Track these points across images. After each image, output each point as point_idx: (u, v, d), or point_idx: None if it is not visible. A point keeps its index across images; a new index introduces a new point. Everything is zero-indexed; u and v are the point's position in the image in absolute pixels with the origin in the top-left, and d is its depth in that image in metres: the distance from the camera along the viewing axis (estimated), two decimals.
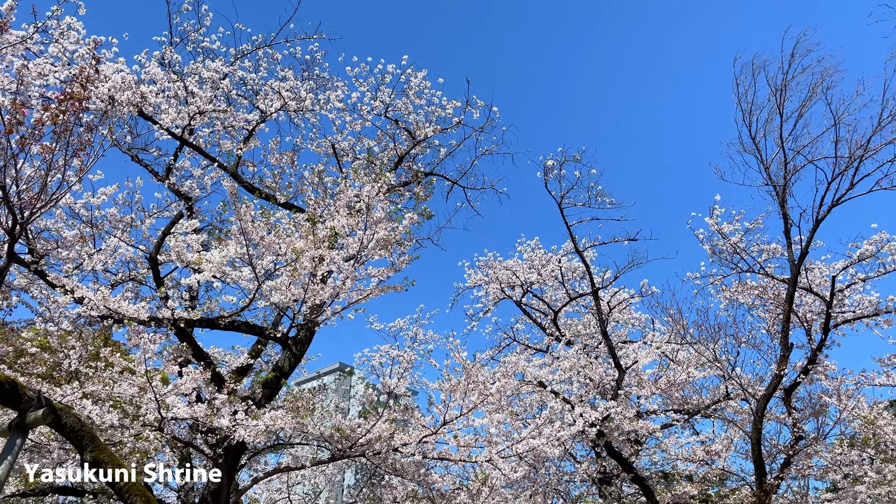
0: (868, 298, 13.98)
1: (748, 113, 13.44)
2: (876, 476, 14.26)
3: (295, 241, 9.30)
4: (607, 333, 14.58)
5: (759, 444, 12.89)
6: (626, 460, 14.14)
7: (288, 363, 10.44)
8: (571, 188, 13.48)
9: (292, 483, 17.03)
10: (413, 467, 10.90)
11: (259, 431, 7.98)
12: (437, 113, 13.30)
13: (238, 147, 12.42)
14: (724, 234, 14.52)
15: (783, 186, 12.82)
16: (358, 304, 10.92)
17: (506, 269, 17.44)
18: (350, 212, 10.17)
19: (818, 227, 12.72)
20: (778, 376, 12.80)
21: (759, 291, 15.15)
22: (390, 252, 11.15)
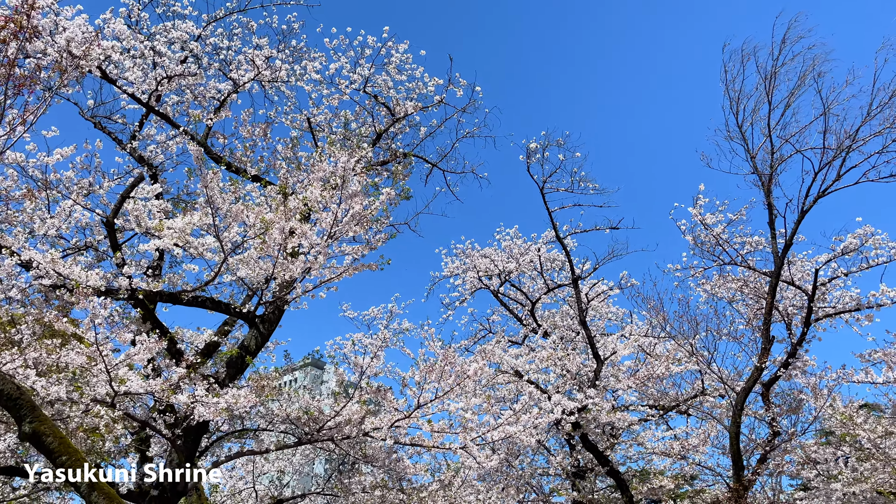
0: (849, 294, 13.83)
1: (735, 101, 13.18)
2: (851, 474, 14.13)
3: (264, 211, 8.77)
4: (586, 323, 14.25)
5: (738, 437, 12.65)
6: (601, 453, 13.83)
7: (254, 342, 9.91)
8: (554, 172, 13.13)
9: (258, 472, 16.46)
10: (384, 454, 10.44)
11: (220, 410, 7.45)
12: (418, 90, 12.83)
13: (208, 117, 11.82)
14: (707, 225, 14.26)
15: (769, 176, 12.58)
16: (330, 282, 10.42)
17: (484, 256, 17.03)
18: (324, 186, 9.67)
19: (803, 218, 12.50)
20: (759, 368, 12.57)
21: (740, 285, 14.94)
22: (366, 230, 10.66)
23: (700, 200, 14.10)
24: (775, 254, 12.93)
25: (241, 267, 9.23)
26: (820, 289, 13.32)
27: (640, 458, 16.06)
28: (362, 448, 10.00)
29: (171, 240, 7.71)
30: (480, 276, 18.25)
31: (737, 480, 11.97)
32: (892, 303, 13.19)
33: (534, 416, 9.52)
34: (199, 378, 8.17)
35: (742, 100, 13.10)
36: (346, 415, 8.55)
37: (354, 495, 11.77)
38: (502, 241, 17.59)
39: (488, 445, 10.94)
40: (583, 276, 17.05)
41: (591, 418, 13.45)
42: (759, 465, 13.49)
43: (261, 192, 10.13)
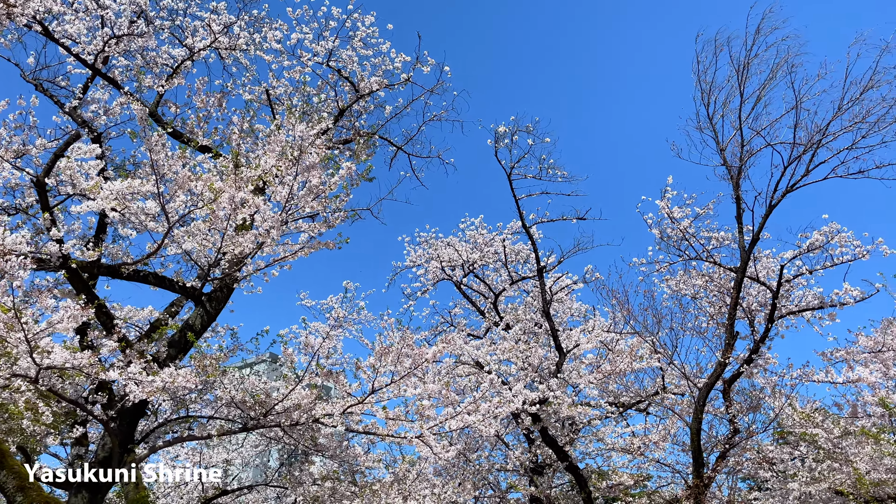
0: (812, 293, 13.77)
1: (707, 93, 12.99)
2: (808, 474, 14.08)
3: (214, 180, 8.19)
4: (550, 314, 13.92)
5: (699, 434, 12.46)
6: (560, 448, 13.52)
7: (200, 321, 9.29)
8: (523, 157, 12.75)
9: (206, 463, 15.75)
10: (335, 443, 9.93)
11: (156, 389, 6.86)
12: (384, 66, 12.31)
13: (159, 84, 11.14)
14: (674, 219, 14.06)
15: (738, 169, 12.40)
16: (284, 260, 9.87)
17: (448, 245, 16.59)
18: (280, 157, 9.11)
19: (771, 212, 12.35)
20: (722, 364, 12.39)
21: (705, 280, 14.78)
22: (324, 206, 10.15)
23: (668, 193, 13.89)
24: (742, 248, 12.77)
25: (188, 239, 8.62)
26: (784, 286, 13.22)
27: (600, 454, 15.83)
28: (312, 436, 9.46)
29: (108, 203, 7.09)
30: (443, 266, 17.82)
31: (697, 477, 11.76)
32: (854, 301, 13.14)
33: (493, 405, 9.11)
34: (135, 354, 7.55)
35: (714, 91, 12.92)
36: (295, 399, 8.02)
37: (304, 487, 11.22)
38: (467, 231, 17.17)
39: (446, 436, 10.50)
40: (547, 269, 16.74)
41: (552, 412, 13.12)
42: (719, 462, 13.33)
43: (212, 163, 9.51)
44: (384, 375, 8.03)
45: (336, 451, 9.89)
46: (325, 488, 10.95)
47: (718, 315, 14.59)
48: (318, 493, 10.87)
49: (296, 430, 9.25)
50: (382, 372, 7.91)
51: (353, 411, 8.48)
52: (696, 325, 14.35)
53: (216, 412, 8.94)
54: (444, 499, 12.18)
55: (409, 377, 8.01)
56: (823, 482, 13.38)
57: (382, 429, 8.94)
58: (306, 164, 8.88)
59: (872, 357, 12.35)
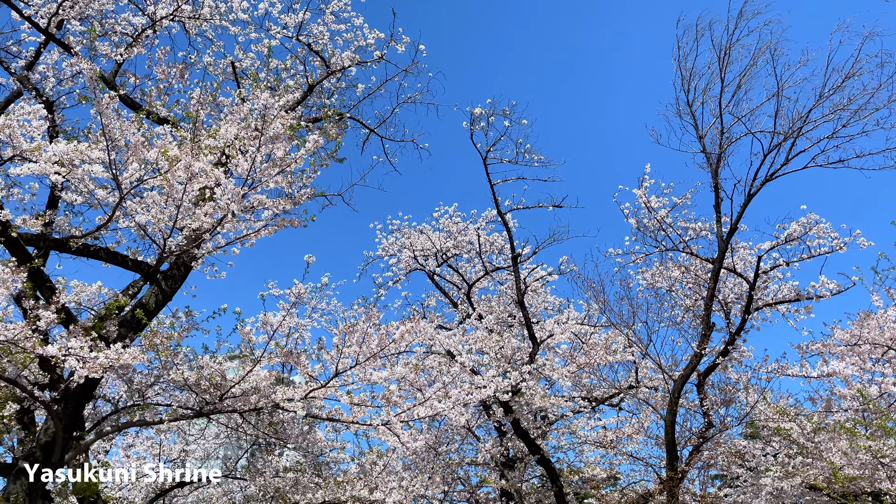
0: (788, 286, 13.61)
1: (687, 79, 12.73)
2: (781, 470, 13.91)
3: (169, 146, 7.67)
4: (524, 304, 13.57)
5: (674, 426, 12.21)
6: (532, 440, 13.17)
7: (154, 300, 8.74)
8: (499, 140, 12.37)
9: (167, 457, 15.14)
10: (298, 430, 9.45)
11: (98, 366, 6.33)
12: (357, 42, 11.85)
13: (118, 53, 10.55)
14: (651, 208, 13.80)
15: (718, 157, 12.17)
16: (247, 238, 9.36)
17: (421, 232, 16.16)
18: (243, 126, 8.61)
19: (750, 201, 12.14)
20: (698, 354, 12.15)
21: (682, 272, 14.55)
22: (290, 183, 9.66)
23: (646, 181, 13.63)
24: (720, 238, 12.55)
25: (141, 211, 8.09)
26: (761, 277, 13.02)
27: (572, 448, 15.52)
28: (273, 423, 8.98)
29: (50, 166, 6.54)
30: (416, 255, 17.39)
31: (671, 469, 11.50)
32: (830, 294, 13.00)
33: (464, 392, 8.71)
34: (79, 331, 7.02)
35: (694, 78, 12.67)
36: (253, 381, 7.54)
37: (264, 478, 10.73)
38: (440, 220, 16.75)
39: (414, 427, 10.09)
40: (522, 259, 16.40)
41: (524, 403, 12.78)
42: (693, 456, 13.10)
43: (170, 133, 8.97)
44: (348, 358, 7.59)
45: (299, 440, 9.41)
46: (286, 479, 10.47)
47: (694, 307, 14.38)
48: (280, 485, 10.39)
49: (254, 417, 8.76)
50: (346, 354, 7.46)
51: (315, 396, 8.02)
52: (671, 316, 14.10)
53: (171, 397, 8.41)
54: (411, 492, 11.77)
55: (375, 359, 7.57)
56: (797, 477, 13.21)
57: (347, 415, 8.49)
58: (270, 134, 8.39)
59: (849, 350, 12.20)
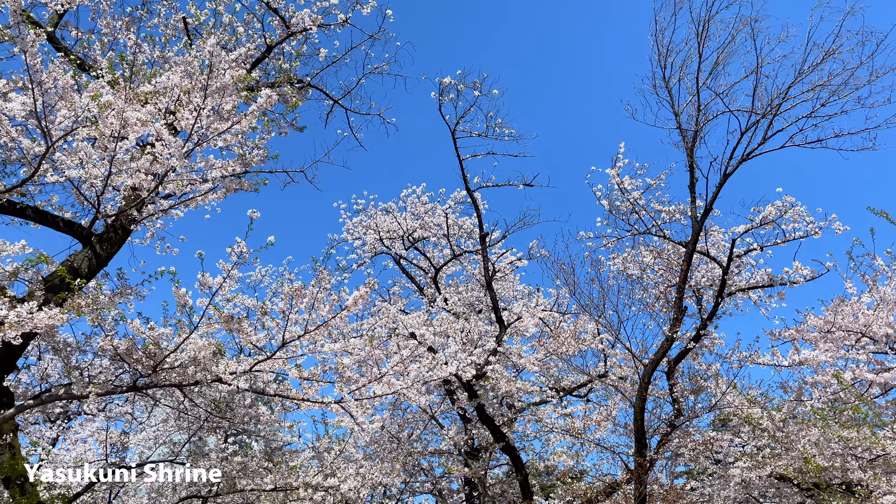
0: (761, 272, 13.30)
1: (664, 55, 12.29)
2: (750, 460, 13.60)
3: (101, 91, 6.94)
4: (492, 284, 13.03)
5: (643, 412, 11.77)
6: (497, 427, 12.64)
7: (87, 264, 7.99)
8: (468, 110, 11.79)
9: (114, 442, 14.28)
10: (242, 409, 8.77)
11: (10, 325, 5.61)
12: (319, 2, 11.17)
13: (58, 2, 9.73)
14: (624, 189, 13.36)
15: (694, 135, 11.75)
16: (193, 202, 8.66)
17: (386, 211, 15.53)
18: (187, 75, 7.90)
19: (725, 181, 11.76)
20: (670, 339, 11.73)
21: (654, 256, 14.14)
22: (241, 144, 8.98)
23: (620, 161, 13.18)
24: (694, 219, 12.15)
25: (71, 164, 7.35)
26: (735, 261, 12.65)
27: (538, 436, 15.03)
28: (217, 401, 8.30)
29: None
30: (382, 237, 16.76)
31: (639, 455, 11.06)
32: (804, 280, 12.70)
33: (425, 368, 8.12)
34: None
35: (671, 54, 12.23)
36: (191, 351, 6.85)
37: (210, 461, 10.01)
38: (408, 199, 16.13)
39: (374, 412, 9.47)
40: (491, 244, 15.89)
41: (489, 387, 12.25)
42: (661, 445, 12.71)
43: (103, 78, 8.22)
44: (296, 326, 6.95)
45: (244, 419, 8.74)
46: (233, 464, 9.78)
47: (666, 293, 13.99)
48: (226, 470, 9.69)
49: (197, 395, 8.06)
50: (294, 321, 6.81)
51: (261, 369, 7.36)
52: (643, 299, 13.68)
53: (102, 369, 7.68)
54: (369, 479, 11.16)
55: (327, 328, 6.95)
56: (766, 468, 12.90)
57: (296, 392, 7.84)
58: (217, 85, 7.70)
59: (822, 337, 11.88)
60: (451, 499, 16.59)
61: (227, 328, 6.64)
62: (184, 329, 6.63)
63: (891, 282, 11.77)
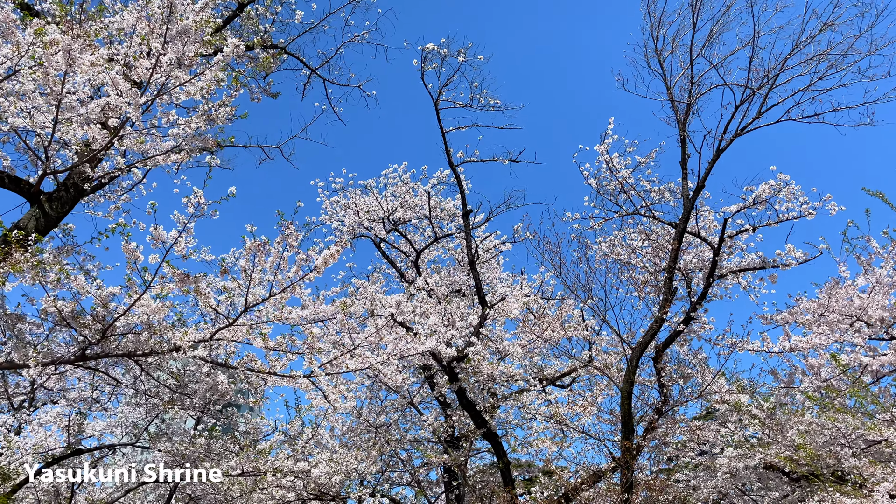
0: (751, 256, 12.89)
1: (656, 26, 11.83)
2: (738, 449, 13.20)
3: (45, 27, 6.30)
4: (474, 264, 12.48)
5: (630, 397, 11.29)
6: (478, 413, 12.11)
7: (34, 223, 7.33)
8: (452, 77, 11.21)
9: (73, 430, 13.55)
10: (205, 385, 8.15)
11: None
12: None
13: None
14: (613, 167, 12.87)
15: (687, 108, 11.29)
16: (153, 161, 8.02)
17: (366, 189, 14.92)
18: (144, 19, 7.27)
19: (718, 157, 11.32)
20: (659, 319, 11.26)
21: (643, 238, 13.69)
22: (206, 99, 8.34)
23: (609, 137, 12.68)
24: (685, 196, 11.69)
25: (12, 108, 6.69)
26: (726, 242, 12.21)
27: (521, 425, 14.48)
28: (175, 375, 7.67)
29: None
30: (362, 219, 16.14)
31: (626, 440, 10.58)
32: (797, 263, 12.29)
33: (402, 341, 7.56)
34: None
35: (663, 25, 11.77)
36: (143, 312, 6.23)
37: (172, 443, 9.37)
38: (389, 176, 15.51)
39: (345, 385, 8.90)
40: (475, 226, 15.33)
41: (471, 370, 11.71)
42: (648, 432, 12.24)
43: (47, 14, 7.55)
44: (260, 287, 6.34)
45: (206, 394, 8.10)
46: (196, 446, 9.14)
47: (654, 278, 13.53)
48: (188, 452, 9.05)
49: (151, 365, 7.43)
50: (257, 282, 6.21)
51: (222, 338, 6.76)
52: (631, 279, 13.21)
53: (49, 335, 7.03)
54: (343, 465, 10.57)
55: (294, 291, 6.35)
56: (755, 457, 12.48)
57: (262, 364, 7.25)
58: (179, 27, 7.08)
59: (817, 320, 11.48)
60: (430, 491, 16.02)
61: (182, 288, 6.03)
62: (135, 289, 6.00)
63: (886, 264, 11.39)
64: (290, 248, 6.03)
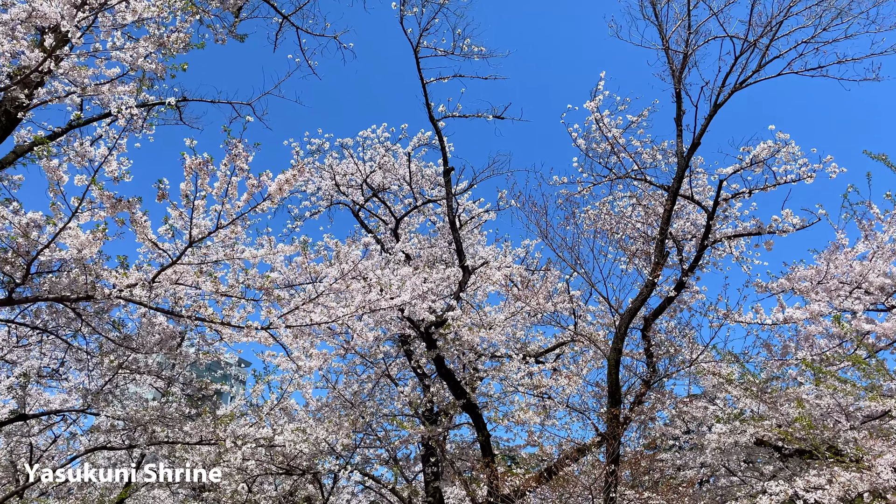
0: (745, 225, 12.28)
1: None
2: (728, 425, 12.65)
3: None
4: (455, 224, 11.76)
5: (618, 366, 10.66)
6: (457, 382, 11.44)
7: None
8: (433, 18, 10.41)
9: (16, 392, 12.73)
10: (154, 339, 7.38)
11: None
12: None
13: None
14: (603, 126, 12.16)
15: (683, 58, 10.60)
16: (97, 89, 7.20)
17: (342, 147, 14.10)
18: None
19: (716, 112, 10.66)
20: (651, 283, 10.62)
21: (633, 203, 13.03)
22: (157, 24, 7.56)
23: (600, 94, 11.96)
24: (680, 154, 11.03)
25: None
26: (721, 205, 11.57)
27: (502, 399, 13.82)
28: (118, 325, 6.89)
29: None
30: (339, 183, 15.35)
31: (613, 407, 9.96)
32: (794, 229, 11.69)
33: (374, 291, 6.83)
34: None
35: None
36: (73, 244, 5.44)
37: (125, 409, 8.61)
38: (367, 139, 14.70)
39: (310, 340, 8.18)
40: (457, 193, 14.57)
41: (451, 338, 11.02)
42: (635, 404, 11.64)
43: None
44: (206, 218, 5.58)
45: (155, 349, 7.33)
46: (149, 410, 8.38)
47: (647, 240, 12.89)
48: (139, 416, 8.29)
49: (92, 317, 6.66)
50: (201, 210, 5.44)
51: (160, 281, 5.99)
52: (620, 241, 12.56)
53: None
54: (311, 435, 9.85)
55: (245, 224, 5.59)
56: (746, 433, 11.92)
57: (213, 312, 6.49)
58: None
59: (814, 287, 10.89)
60: (409, 470, 15.37)
61: (114, 215, 5.25)
62: (59, 215, 5.22)
63: (888, 229, 10.81)
64: (238, 172, 5.26)
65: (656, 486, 12.04)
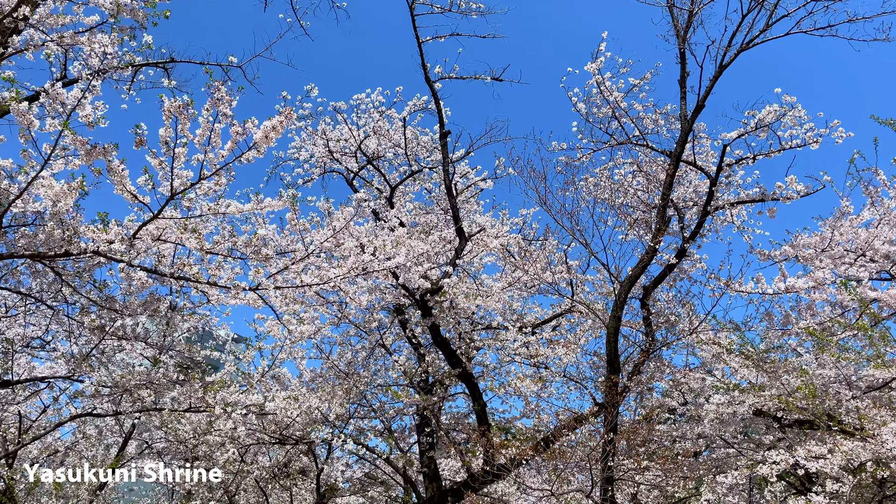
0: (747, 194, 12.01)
1: None
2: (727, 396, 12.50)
3: None
4: (451, 189, 11.46)
5: (617, 334, 10.45)
6: (453, 351, 11.22)
7: None
8: None
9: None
10: (137, 301, 7.09)
11: None
12: None
13: None
14: (604, 90, 11.81)
15: (689, 17, 10.24)
16: (74, 37, 6.82)
17: (336, 111, 13.72)
18: None
19: (721, 73, 10.33)
20: (652, 250, 10.37)
21: (634, 169, 12.74)
22: None
23: (601, 55, 11.59)
24: (683, 117, 10.72)
25: None
26: (725, 170, 11.28)
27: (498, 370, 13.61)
28: (100, 285, 6.61)
29: None
30: (332, 150, 14.99)
31: (612, 374, 9.77)
32: (798, 196, 11.42)
33: (368, 253, 6.54)
34: None
35: None
36: (45, 194, 5.13)
37: (112, 376, 8.37)
38: (362, 101, 14.30)
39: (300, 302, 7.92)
40: (454, 161, 14.23)
41: (447, 306, 10.78)
42: (633, 374, 11.46)
43: None
44: (189, 168, 5.27)
45: (139, 310, 7.05)
46: (135, 375, 8.14)
47: (648, 208, 12.61)
48: (123, 381, 8.04)
49: (66, 272, 6.37)
50: (182, 158, 5.12)
51: (140, 236, 5.68)
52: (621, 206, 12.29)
53: None
54: (303, 403, 9.63)
55: (229, 174, 5.28)
56: (745, 403, 11.76)
57: (199, 272, 6.20)
58: None
59: (818, 255, 10.65)
60: (404, 442, 15.22)
61: (89, 162, 4.93)
62: (31, 163, 4.90)
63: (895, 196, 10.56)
64: (222, 118, 4.94)
65: (653, 456, 11.90)
